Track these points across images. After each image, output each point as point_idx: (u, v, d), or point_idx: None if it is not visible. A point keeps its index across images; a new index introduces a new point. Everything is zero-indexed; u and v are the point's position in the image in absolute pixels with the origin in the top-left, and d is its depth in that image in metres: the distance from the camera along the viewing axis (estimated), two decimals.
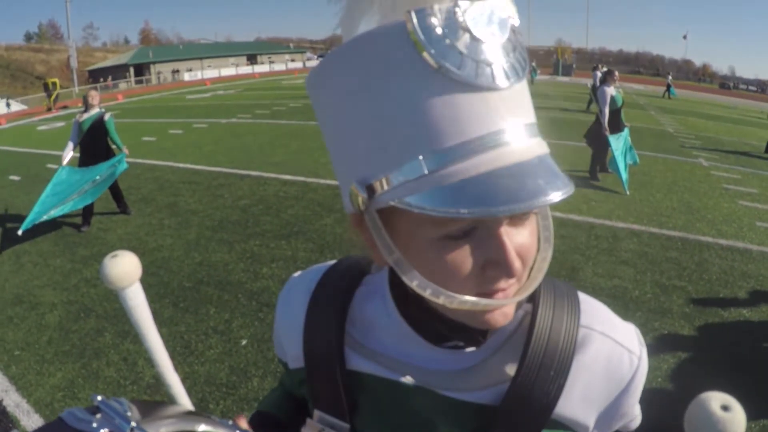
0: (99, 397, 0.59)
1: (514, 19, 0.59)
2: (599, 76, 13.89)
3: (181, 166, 11.85)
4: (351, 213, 0.67)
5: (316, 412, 0.83)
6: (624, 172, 9.19)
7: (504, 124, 0.56)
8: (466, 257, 0.60)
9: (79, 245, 7.17)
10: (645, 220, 7.80)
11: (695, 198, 9.17)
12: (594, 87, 15.70)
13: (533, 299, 0.74)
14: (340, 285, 0.85)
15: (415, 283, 0.62)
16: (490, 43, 0.56)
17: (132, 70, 64.07)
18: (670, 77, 41.50)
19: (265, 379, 4.12)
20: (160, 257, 6.59)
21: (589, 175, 10.20)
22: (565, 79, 54.12)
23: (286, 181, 10.19)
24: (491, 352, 0.74)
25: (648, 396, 0.77)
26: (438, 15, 0.55)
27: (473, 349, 0.74)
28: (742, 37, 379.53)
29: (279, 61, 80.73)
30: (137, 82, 59.52)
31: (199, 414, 0.69)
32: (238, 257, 6.53)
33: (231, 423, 0.69)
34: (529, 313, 0.75)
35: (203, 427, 0.64)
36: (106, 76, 60.38)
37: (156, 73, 64.88)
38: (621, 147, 9.43)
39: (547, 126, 0.63)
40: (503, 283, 0.62)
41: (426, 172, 0.56)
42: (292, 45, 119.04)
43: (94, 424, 0.54)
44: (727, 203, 8.95)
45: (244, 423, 0.82)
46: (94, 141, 7.69)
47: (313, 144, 13.64)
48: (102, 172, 7.56)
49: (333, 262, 0.92)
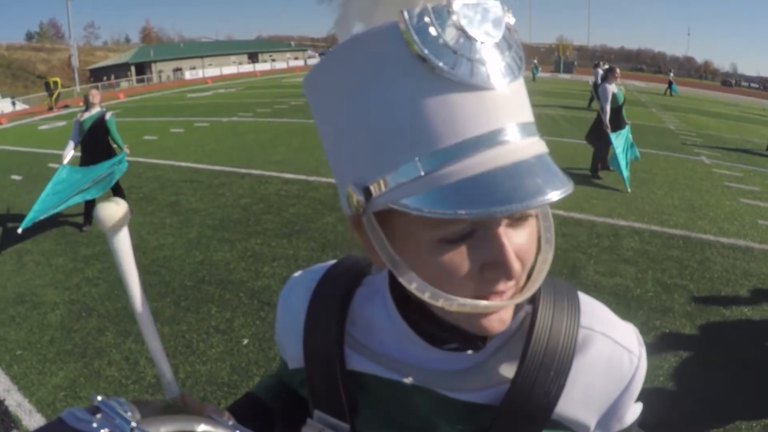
0: (99, 397, 0.59)
1: (509, 17, 0.59)
2: (600, 73, 13.89)
3: (183, 164, 11.85)
4: (349, 216, 0.67)
5: (316, 412, 0.83)
6: (625, 170, 9.18)
7: (500, 123, 0.56)
8: (465, 259, 0.60)
9: (80, 244, 7.17)
10: (646, 218, 7.79)
11: (697, 196, 9.16)
12: (595, 84, 15.70)
13: (533, 300, 0.74)
14: (341, 285, 0.85)
15: (414, 286, 0.61)
16: (485, 42, 0.56)
17: (133, 68, 64.07)
18: (672, 74, 41.53)
19: None
20: (162, 256, 6.60)
21: (591, 172, 10.19)
22: (567, 76, 54.15)
23: (287, 179, 10.19)
24: (491, 353, 0.74)
25: (649, 395, 0.77)
26: (431, 14, 0.55)
27: (473, 351, 0.73)
28: (745, 35, 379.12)
29: (280, 59, 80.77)
30: (138, 81, 59.53)
31: (199, 414, 0.69)
32: (240, 256, 6.53)
33: (231, 423, 0.69)
34: (529, 313, 0.75)
35: (203, 426, 0.64)
36: (108, 75, 60.42)
37: (157, 71, 64.90)
38: (622, 144, 9.43)
39: (548, 124, 0.62)
40: (502, 285, 0.62)
41: (422, 173, 0.55)
42: (293, 43, 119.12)
43: (94, 425, 0.54)
44: (729, 201, 8.94)
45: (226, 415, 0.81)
46: (95, 140, 7.68)
47: (315, 142, 13.61)
48: (102, 171, 7.56)
49: (333, 261, 0.92)
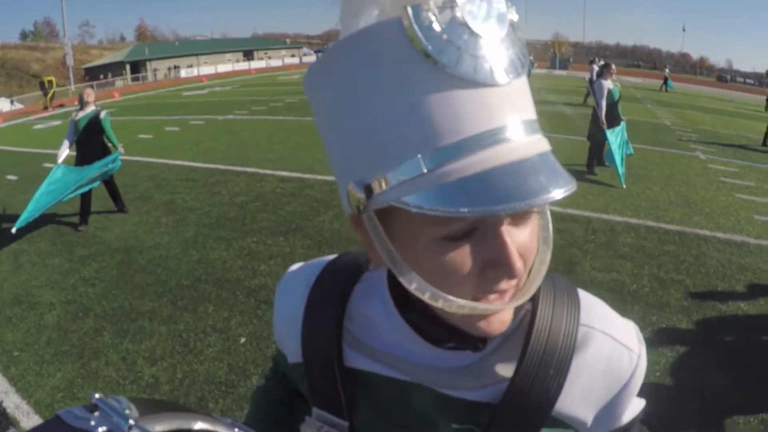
0: (97, 395, 0.58)
1: (513, 14, 0.58)
2: (596, 69, 13.89)
3: (178, 163, 11.83)
4: (350, 214, 0.66)
5: (315, 410, 0.83)
6: (621, 166, 9.21)
7: (504, 120, 0.55)
8: (466, 258, 0.59)
9: (77, 245, 7.16)
10: (642, 213, 7.81)
11: (692, 191, 9.18)
12: (591, 81, 15.70)
13: (533, 298, 0.74)
14: (339, 281, 0.84)
15: (414, 286, 0.61)
16: (489, 38, 0.55)
17: (128, 67, 63.89)
18: (667, 70, 41.56)
19: None
20: (158, 255, 6.59)
21: (587, 168, 10.23)
22: (563, 72, 54.09)
23: (283, 177, 10.18)
24: (491, 351, 0.74)
25: (646, 390, 0.77)
26: (435, 10, 0.54)
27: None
28: (740, 31, 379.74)
29: (275, 57, 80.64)
30: (134, 80, 59.39)
31: (197, 411, 0.69)
32: (236, 254, 6.53)
33: (229, 420, 0.69)
34: (528, 311, 0.74)
35: (201, 424, 0.64)
36: (102, 73, 60.22)
37: (152, 70, 64.74)
38: (618, 141, 9.46)
39: (543, 120, 0.62)
40: (504, 284, 0.62)
41: (425, 170, 0.55)
42: (288, 40, 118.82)
43: (92, 422, 0.54)
44: (725, 196, 8.97)
45: None
46: (90, 139, 7.68)
47: (311, 140, 13.62)
48: (96, 171, 7.57)
49: (331, 257, 0.91)
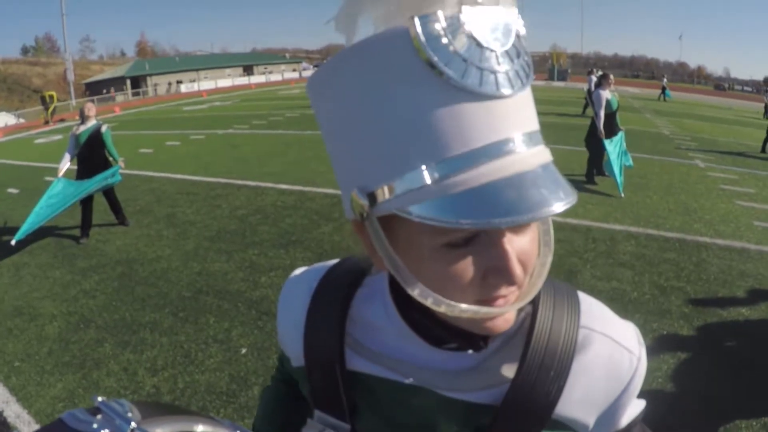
0: (99, 398, 0.59)
1: (518, 25, 0.59)
2: (594, 80, 13.92)
3: (179, 177, 11.84)
4: (352, 219, 0.67)
5: (317, 412, 0.83)
6: (619, 176, 9.21)
7: (508, 132, 0.56)
8: (468, 265, 0.60)
9: (78, 257, 7.16)
10: (642, 222, 7.81)
11: (692, 199, 9.18)
12: (590, 91, 15.73)
13: (533, 301, 0.74)
14: (341, 286, 0.84)
15: (417, 292, 0.61)
16: (495, 50, 0.56)
17: (129, 82, 64.06)
18: (665, 80, 41.62)
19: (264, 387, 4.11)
20: (159, 268, 6.59)
21: (586, 178, 10.23)
22: (561, 84, 54.11)
23: (283, 190, 10.19)
24: (492, 353, 0.74)
25: (648, 396, 0.77)
26: (442, 21, 0.54)
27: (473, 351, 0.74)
28: (737, 39, 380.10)
29: (275, 72, 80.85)
30: (134, 95, 59.50)
31: (199, 414, 0.69)
32: (237, 267, 6.52)
33: (230, 423, 0.69)
34: (529, 314, 0.75)
35: (202, 427, 0.65)
36: (103, 88, 60.38)
37: (153, 85, 64.87)
38: (616, 150, 9.47)
39: (542, 131, 0.63)
40: (504, 290, 0.62)
41: (429, 181, 0.55)
42: (288, 55, 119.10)
43: (95, 425, 0.54)
44: (724, 203, 8.97)
45: None
46: (91, 153, 7.70)
47: (310, 153, 13.64)
48: (96, 184, 7.61)
49: (333, 261, 0.92)
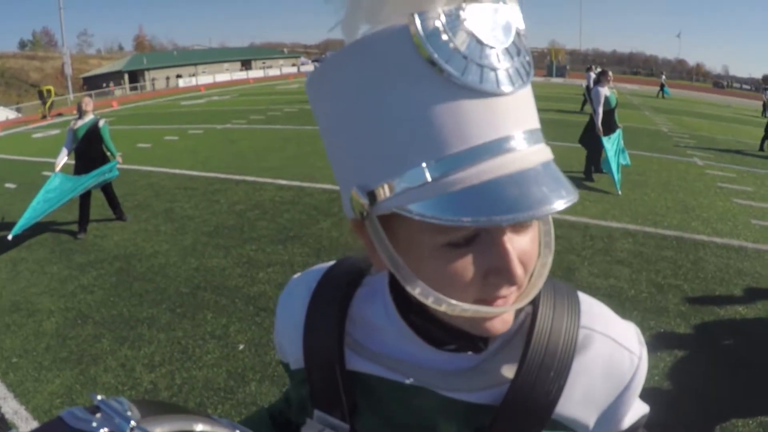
0: (99, 397, 0.59)
1: (518, 23, 0.58)
2: (593, 77, 13.92)
3: (177, 172, 11.84)
4: (351, 218, 0.66)
5: (316, 413, 0.83)
6: (616, 173, 9.22)
7: (509, 130, 0.55)
8: (469, 265, 0.59)
9: (75, 252, 7.16)
10: (640, 219, 7.83)
11: (690, 197, 9.20)
12: (588, 88, 15.72)
13: (534, 301, 0.74)
14: (340, 286, 0.84)
15: (418, 291, 0.61)
16: (495, 47, 0.55)
17: (126, 76, 63.97)
18: (664, 77, 41.65)
19: (262, 383, 4.12)
20: (157, 263, 6.59)
21: (584, 175, 10.24)
22: (559, 80, 54.13)
23: (281, 186, 10.19)
24: (492, 354, 0.74)
25: (645, 394, 0.77)
26: (442, 18, 0.54)
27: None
28: (736, 37, 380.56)
29: (273, 67, 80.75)
30: (132, 89, 59.44)
31: (198, 412, 0.69)
32: (235, 262, 6.53)
33: (229, 422, 0.69)
34: (529, 314, 0.74)
35: (201, 426, 0.65)
36: (101, 83, 60.27)
37: (150, 79, 64.78)
38: (614, 148, 9.48)
39: (541, 127, 0.63)
40: (505, 289, 0.62)
41: (429, 179, 0.55)
42: (286, 50, 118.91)
43: (94, 424, 0.54)
44: (722, 201, 8.99)
45: None
46: (89, 148, 7.70)
47: (309, 149, 13.64)
48: (93, 180, 7.61)
49: (333, 262, 0.92)
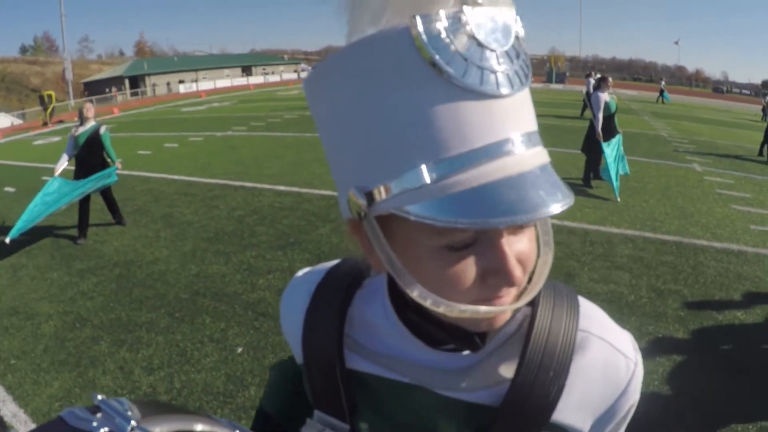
0: (99, 396, 0.59)
1: (518, 27, 0.59)
2: (592, 82, 13.93)
3: (177, 178, 11.84)
4: (348, 219, 0.66)
5: (316, 412, 0.83)
6: (615, 180, 9.22)
7: (508, 133, 0.56)
8: (467, 266, 0.60)
9: (75, 258, 7.16)
10: (639, 225, 7.83)
11: (689, 203, 9.21)
12: (588, 94, 15.73)
13: (533, 302, 0.74)
14: (340, 287, 0.85)
15: (416, 293, 0.61)
16: (495, 50, 0.55)
17: (127, 82, 64.02)
18: (663, 82, 41.73)
19: (261, 387, 4.11)
20: (157, 270, 6.59)
21: (583, 182, 10.24)
22: (559, 86, 54.17)
23: (281, 192, 10.19)
24: (490, 353, 0.74)
25: (644, 399, 0.78)
26: (443, 20, 0.54)
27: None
28: (735, 43, 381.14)
29: (274, 73, 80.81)
30: (132, 94, 59.48)
31: (198, 413, 0.70)
32: (235, 268, 6.52)
33: (229, 423, 0.70)
34: (528, 315, 0.75)
35: (201, 426, 0.65)
36: (102, 88, 60.34)
37: (151, 85, 64.82)
38: (613, 154, 9.47)
39: (540, 133, 0.63)
40: (503, 291, 0.62)
41: (428, 181, 0.55)
42: (286, 56, 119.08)
43: (95, 423, 0.55)
44: (721, 207, 9.00)
45: None
46: (90, 155, 7.71)
47: (308, 155, 13.64)
48: (91, 185, 7.62)
49: (334, 262, 0.92)
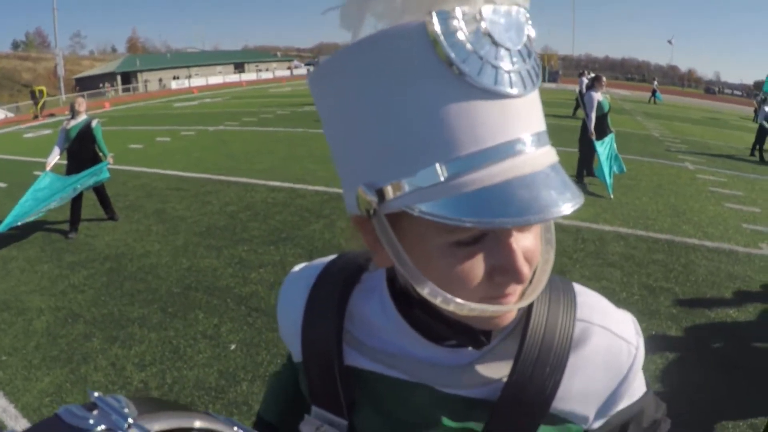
0: (96, 394, 0.58)
1: (529, 27, 0.58)
2: (585, 82, 13.96)
3: (169, 173, 11.81)
4: (354, 215, 0.65)
5: (314, 408, 0.83)
6: (609, 177, 9.26)
7: (520, 132, 0.55)
8: (475, 263, 0.60)
9: (66, 251, 7.12)
10: (631, 223, 7.86)
11: (681, 201, 9.24)
12: (581, 93, 15.76)
13: None
14: (338, 282, 0.84)
15: (426, 290, 0.61)
16: (510, 49, 0.55)
17: (119, 78, 63.76)
18: (656, 82, 41.88)
19: (254, 383, 4.11)
20: (148, 263, 6.56)
21: (576, 179, 10.27)
22: (552, 85, 54.28)
23: (273, 187, 10.18)
24: (489, 349, 0.74)
25: None
26: (459, 18, 0.53)
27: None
28: (728, 43, 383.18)
29: (266, 70, 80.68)
30: (125, 90, 59.28)
31: (196, 410, 0.69)
32: (227, 263, 6.51)
33: (227, 419, 0.69)
34: (525, 310, 0.75)
35: (200, 423, 0.64)
36: (94, 84, 60.07)
37: (143, 81, 64.59)
38: (606, 152, 9.51)
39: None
40: (511, 287, 0.62)
41: (441, 179, 0.54)
42: (279, 53, 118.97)
43: (91, 421, 0.54)
44: (713, 206, 9.04)
45: None
46: (81, 148, 7.67)
47: (301, 151, 13.64)
48: (83, 180, 7.58)
49: (332, 257, 0.92)
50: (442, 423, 0.74)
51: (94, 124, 7.66)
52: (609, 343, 0.73)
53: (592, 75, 11.67)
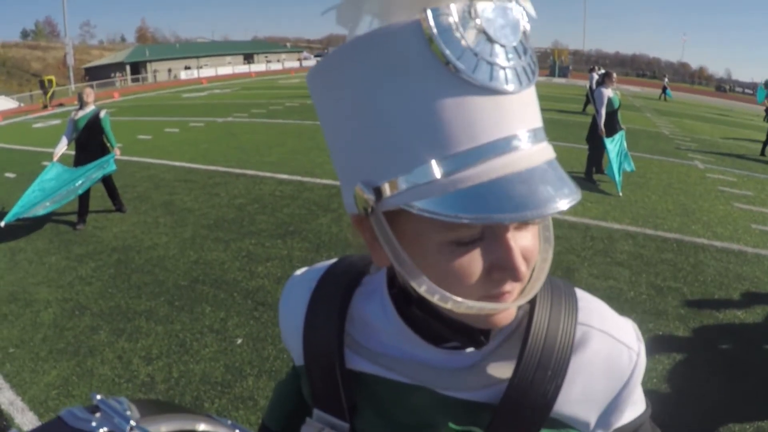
0: (98, 396, 0.58)
1: (525, 23, 0.58)
2: (596, 78, 13.91)
3: (177, 164, 11.83)
4: (353, 214, 0.66)
5: (316, 411, 0.83)
6: (618, 174, 9.22)
7: (515, 128, 0.56)
8: (473, 261, 0.60)
9: (74, 243, 7.15)
10: (640, 221, 7.82)
11: (690, 200, 9.20)
12: (591, 89, 15.71)
13: (531, 299, 0.73)
14: (340, 285, 0.85)
15: (424, 288, 0.61)
16: (505, 45, 0.56)
17: (128, 68, 63.98)
18: (666, 79, 41.71)
19: (260, 378, 4.12)
20: (156, 256, 6.58)
21: (585, 176, 10.23)
22: (562, 80, 54.17)
23: (281, 180, 10.18)
24: (490, 352, 0.74)
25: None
26: (454, 15, 0.54)
27: (473, 349, 0.73)
28: (740, 41, 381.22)
29: (276, 61, 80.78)
30: (134, 80, 59.48)
31: (198, 412, 0.69)
32: (234, 256, 6.52)
33: (230, 422, 0.68)
34: (526, 313, 0.74)
35: (203, 426, 0.64)
36: (103, 73, 60.33)
37: (152, 71, 64.77)
38: (616, 149, 9.47)
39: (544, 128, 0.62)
40: (509, 285, 0.62)
41: (437, 176, 0.55)
42: (289, 44, 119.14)
43: (94, 423, 0.54)
44: (723, 205, 8.99)
45: None
46: (89, 138, 7.69)
47: (310, 144, 13.64)
48: (90, 172, 7.60)
49: (333, 261, 0.92)
50: (443, 426, 0.74)
51: (103, 114, 7.67)
52: (610, 347, 0.72)
53: (603, 71, 11.62)
